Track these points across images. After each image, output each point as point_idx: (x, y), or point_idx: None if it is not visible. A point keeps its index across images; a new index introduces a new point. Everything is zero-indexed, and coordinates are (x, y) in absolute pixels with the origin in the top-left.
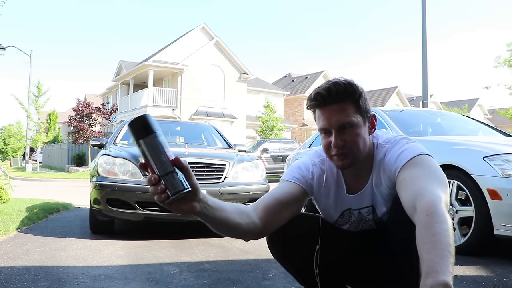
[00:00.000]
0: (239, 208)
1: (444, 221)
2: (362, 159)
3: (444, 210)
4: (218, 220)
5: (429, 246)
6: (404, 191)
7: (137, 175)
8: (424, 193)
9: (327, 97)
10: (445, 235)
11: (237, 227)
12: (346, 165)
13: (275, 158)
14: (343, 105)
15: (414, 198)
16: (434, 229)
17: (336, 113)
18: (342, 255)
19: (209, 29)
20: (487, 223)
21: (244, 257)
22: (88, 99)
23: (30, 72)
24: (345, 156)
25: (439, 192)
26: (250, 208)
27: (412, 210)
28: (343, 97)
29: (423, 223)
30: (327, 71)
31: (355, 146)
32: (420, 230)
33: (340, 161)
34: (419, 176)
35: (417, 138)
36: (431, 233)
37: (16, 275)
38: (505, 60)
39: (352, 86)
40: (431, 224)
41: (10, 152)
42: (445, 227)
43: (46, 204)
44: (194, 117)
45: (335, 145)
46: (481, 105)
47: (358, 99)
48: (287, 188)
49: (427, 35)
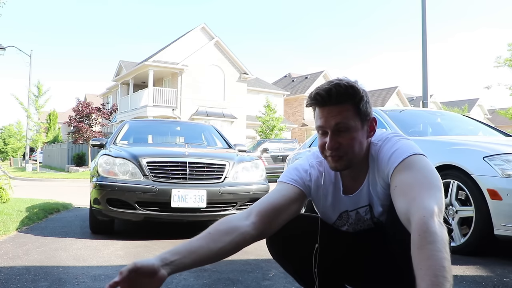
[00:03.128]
0: (217, 231)
1: (436, 240)
2: (358, 161)
3: (436, 226)
4: (197, 263)
5: (423, 273)
6: (397, 200)
7: (137, 175)
8: (416, 207)
9: (326, 98)
10: (438, 257)
11: (221, 251)
12: (340, 168)
13: (275, 158)
14: (342, 107)
15: (407, 212)
16: (427, 252)
17: (334, 115)
18: (341, 255)
19: (209, 29)
20: (487, 223)
21: (244, 257)
22: (88, 99)
23: (30, 72)
24: (339, 158)
25: (431, 203)
26: (239, 217)
27: (407, 223)
28: (342, 99)
29: (415, 244)
30: (327, 71)
31: (349, 150)
32: (413, 252)
33: (334, 162)
34: (411, 184)
35: (417, 138)
36: (424, 256)
37: (16, 275)
38: (505, 60)
39: (354, 89)
40: (424, 245)
41: (10, 152)
42: (437, 247)
43: (46, 204)
44: (194, 117)
45: (329, 147)
46: (481, 105)
47: (358, 102)
48: (284, 190)
49: (427, 35)
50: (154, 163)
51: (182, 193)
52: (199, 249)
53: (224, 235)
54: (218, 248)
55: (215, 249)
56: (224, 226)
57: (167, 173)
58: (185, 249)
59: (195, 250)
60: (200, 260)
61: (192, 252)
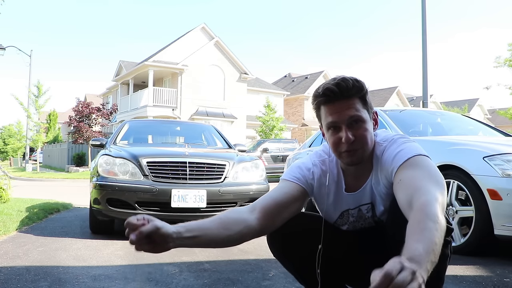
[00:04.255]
0: (228, 218)
1: (437, 221)
2: (367, 156)
3: (439, 211)
4: (203, 243)
5: (417, 238)
6: (400, 191)
7: (137, 175)
8: (421, 192)
9: (337, 92)
10: (435, 235)
11: (228, 239)
12: (355, 161)
13: (275, 158)
14: (352, 100)
15: (411, 197)
16: (426, 225)
17: (346, 108)
18: (342, 255)
19: (209, 29)
20: (487, 223)
21: (244, 257)
22: (88, 99)
23: (30, 72)
24: (355, 152)
25: (435, 192)
26: (246, 210)
27: (407, 208)
28: (352, 92)
29: (416, 219)
30: (327, 71)
31: (364, 141)
32: (411, 225)
33: (349, 157)
34: (416, 177)
35: (417, 138)
36: (422, 228)
37: (16, 275)
38: (505, 60)
39: (359, 82)
40: (424, 220)
41: (10, 152)
42: (436, 226)
43: (46, 204)
44: (194, 117)
45: (347, 139)
46: (481, 105)
47: (364, 95)
48: (287, 188)
49: (427, 35)
50: (154, 163)
51: (182, 193)
52: (209, 231)
53: (234, 224)
54: (226, 235)
55: (223, 235)
56: (235, 215)
57: (167, 173)
58: (198, 228)
59: (206, 232)
60: (208, 242)
61: (204, 233)
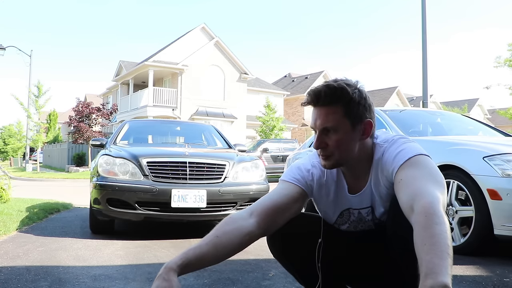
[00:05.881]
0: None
1: (442, 222)
2: (353, 161)
3: (442, 211)
4: (206, 266)
5: (428, 248)
6: (401, 191)
7: (137, 175)
8: (422, 194)
9: (315, 99)
10: (444, 237)
11: (229, 254)
12: (328, 166)
13: (275, 158)
14: (331, 108)
15: (412, 199)
16: (433, 230)
17: (322, 116)
18: (342, 255)
19: (209, 29)
20: (487, 223)
21: (244, 257)
22: (88, 99)
23: (30, 72)
24: (327, 158)
25: (437, 193)
26: (243, 216)
27: (409, 210)
28: (332, 100)
29: (421, 224)
30: (327, 71)
31: (335, 150)
32: (418, 231)
33: (323, 161)
34: (416, 177)
35: (417, 138)
36: (429, 234)
37: (16, 275)
38: (505, 60)
39: (343, 91)
40: (430, 225)
41: (10, 152)
42: (443, 228)
43: (46, 204)
44: (194, 117)
45: (315, 146)
46: (481, 105)
47: (347, 104)
48: (286, 189)
49: (427, 35)
50: (154, 163)
51: (182, 193)
52: (207, 256)
53: (232, 237)
54: (226, 253)
55: (224, 253)
56: (231, 227)
57: (167, 173)
58: (195, 257)
59: (204, 257)
60: (208, 264)
61: (202, 260)
